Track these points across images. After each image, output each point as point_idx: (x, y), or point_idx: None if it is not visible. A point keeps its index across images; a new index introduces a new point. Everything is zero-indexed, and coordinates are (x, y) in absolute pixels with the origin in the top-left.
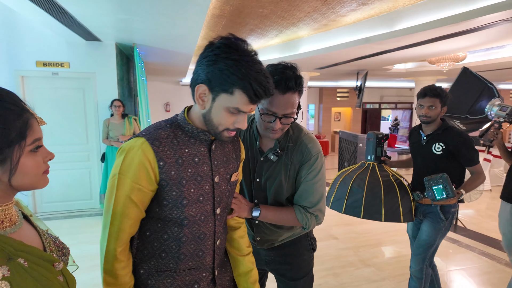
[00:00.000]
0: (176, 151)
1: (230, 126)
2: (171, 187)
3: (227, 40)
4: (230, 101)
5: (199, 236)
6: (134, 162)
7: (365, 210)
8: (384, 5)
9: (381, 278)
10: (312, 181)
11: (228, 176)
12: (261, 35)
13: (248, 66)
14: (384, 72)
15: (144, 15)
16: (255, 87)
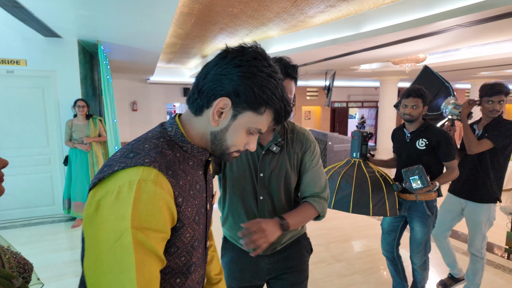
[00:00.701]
0: (185, 180)
1: (242, 148)
2: (186, 228)
3: (260, 50)
4: (255, 121)
5: (199, 281)
6: (156, 205)
7: (354, 205)
8: (350, 7)
9: (352, 272)
10: (316, 167)
11: (211, 198)
12: (231, 34)
13: (282, 86)
14: (351, 72)
15: (108, 11)
16: (287, 108)
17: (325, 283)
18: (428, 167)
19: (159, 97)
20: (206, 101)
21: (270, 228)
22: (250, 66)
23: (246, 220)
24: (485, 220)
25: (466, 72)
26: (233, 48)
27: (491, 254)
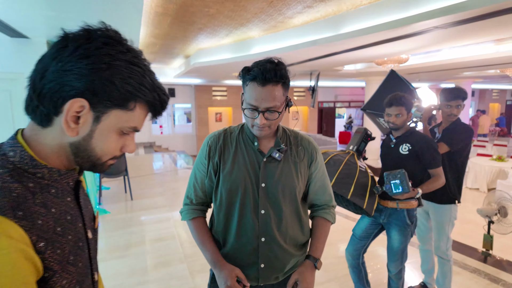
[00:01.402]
0: (47, 216)
1: (117, 153)
2: (61, 274)
3: (113, 33)
4: (126, 120)
5: None
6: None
7: (336, 181)
8: (328, 8)
9: (327, 279)
10: (324, 175)
11: (92, 223)
12: (211, 34)
13: (150, 72)
14: (335, 73)
15: (74, 12)
16: (162, 97)
17: None
18: (411, 173)
19: None
20: (53, 107)
21: (310, 280)
22: (102, 55)
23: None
24: (447, 221)
25: (450, 72)
26: (75, 33)
27: (467, 257)
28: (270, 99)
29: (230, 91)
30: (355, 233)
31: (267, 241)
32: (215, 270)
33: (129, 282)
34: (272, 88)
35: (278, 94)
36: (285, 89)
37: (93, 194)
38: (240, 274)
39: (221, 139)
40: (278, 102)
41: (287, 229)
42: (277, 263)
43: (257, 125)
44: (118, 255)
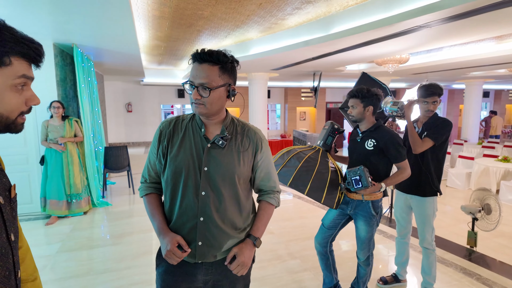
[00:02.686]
0: None
1: (24, 108)
2: None
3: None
4: (11, 74)
5: (5, 275)
6: None
7: (294, 179)
8: (318, 9)
9: (303, 269)
10: (269, 163)
11: (7, 193)
12: (211, 36)
13: (9, 29)
14: (339, 73)
15: (78, 17)
16: (32, 45)
17: (273, 279)
18: (375, 168)
19: (153, 98)
20: None
21: (249, 257)
22: None
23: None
24: (431, 213)
25: (457, 72)
26: None
27: (454, 255)
28: (203, 76)
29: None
30: (323, 222)
31: (205, 221)
32: (160, 237)
33: (117, 266)
34: (207, 67)
35: (212, 74)
36: (224, 73)
37: (95, 188)
38: (181, 241)
39: (172, 124)
40: (211, 80)
41: (226, 211)
42: (214, 242)
43: (192, 100)
44: (111, 243)
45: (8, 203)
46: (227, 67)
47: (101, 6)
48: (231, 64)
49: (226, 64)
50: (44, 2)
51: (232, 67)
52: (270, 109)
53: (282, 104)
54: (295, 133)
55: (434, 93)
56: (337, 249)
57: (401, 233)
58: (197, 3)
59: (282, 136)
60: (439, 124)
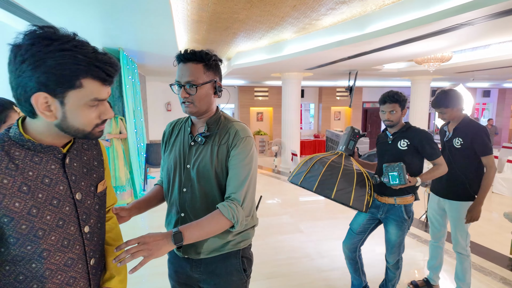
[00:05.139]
0: (16, 177)
1: (98, 121)
2: (18, 221)
3: (33, 31)
4: (84, 95)
5: (66, 263)
6: None
7: (319, 184)
8: (353, 9)
9: (331, 268)
10: (241, 165)
11: (92, 188)
12: (246, 38)
13: (80, 48)
14: (375, 72)
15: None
16: (103, 66)
17: (300, 276)
18: (408, 167)
19: None
20: (30, 105)
21: (156, 241)
22: (33, 54)
23: (172, 214)
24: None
25: (506, 70)
26: (11, 45)
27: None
28: (188, 74)
29: (271, 91)
30: (352, 227)
31: (185, 217)
32: None
33: None
34: (192, 66)
35: (197, 71)
36: (208, 70)
37: (138, 182)
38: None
39: (172, 125)
40: (197, 78)
41: (203, 209)
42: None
43: (182, 100)
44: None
45: (91, 198)
46: (211, 64)
47: (146, 14)
48: (215, 61)
49: (209, 61)
50: (96, 11)
51: (216, 64)
52: (303, 108)
53: (316, 103)
54: (328, 133)
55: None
56: (365, 251)
57: (435, 236)
58: (233, 7)
59: (315, 136)
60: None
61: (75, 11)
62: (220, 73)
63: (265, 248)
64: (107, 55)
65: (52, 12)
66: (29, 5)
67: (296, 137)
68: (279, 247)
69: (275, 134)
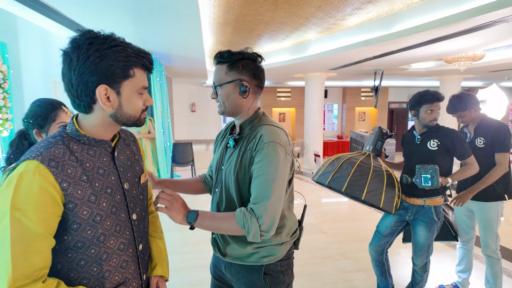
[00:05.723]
0: (77, 168)
1: (143, 107)
2: (80, 207)
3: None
4: (135, 84)
5: (119, 247)
6: (33, 190)
7: (349, 184)
8: (379, 8)
9: (355, 269)
10: (264, 172)
11: (136, 179)
12: (270, 39)
13: (127, 45)
14: (402, 72)
15: (154, 28)
16: (146, 56)
17: (324, 276)
18: (439, 167)
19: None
20: (90, 99)
21: (179, 208)
22: (94, 51)
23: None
24: (494, 218)
25: None
26: (68, 48)
27: None
28: (214, 76)
29: (294, 92)
30: (379, 230)
31: None
32: None
33: (180, 250)
34: (217, 67)
35: (220, 72)
36: (231, 70)
37: None
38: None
39: (227, 126)
40: (219, 79)
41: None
42: (218, 238)
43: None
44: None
45: (136, 188)
46: (235, 64)
47: (175, 18)
48: (241, 61)
49: (234, 61)
50: (127, 16)
51: (245, 64)
52: (326, 109)
53: (340, 104)
54: (352, 134)
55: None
56: (390, 253)
57: (463, 239)
58: (258, 9)
59: (339, 137)
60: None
61: (109, 17)
62: (252, 72)
63: None
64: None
65: (90, 19)
66: (70, 13)
67: (319, 138)
68: (302, 247)
69: (297, 135)
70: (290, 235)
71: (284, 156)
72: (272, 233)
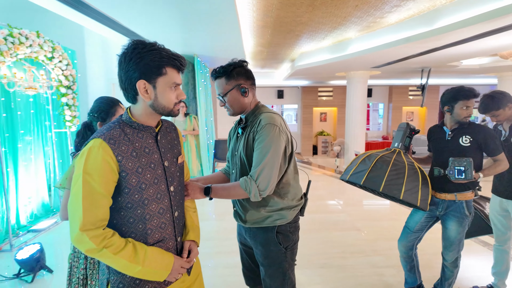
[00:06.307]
0: (129, 146)
1: (176, 101)
2: (130, 176)
3: (133, 42)
4: (168, 80)
5: (159, 211)
6: (98, 160)
7: (386, 184)
8: (420, 5)
9: (386, 265)
10: (257, 147)
11: (175, 159)
12: (309, 39)
13: (162, 50)
14: (452, 69)
15: (196, 34)
16: (177, 58)
17: (353, 269)
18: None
19: None
20: (134, 92)
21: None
22: (136, 54)
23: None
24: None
25: None
26: (120, 53)
27: None
28: (217, 88)
29: (336, 91)
30: (409, 225)
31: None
32: None
33: (218, 237)
34: (217, 81)
35: (221, 84)
36: (229, 79)
37: (207, 173)
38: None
39: (233, 126)
40: (222, 90)
41: None
42: (238, 208)
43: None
44: (215, 218)
45: (174, 166)
46: (231, 74)
47: (217, 24)
48: (234, 69)
49: (229, 72)
50: (176, 24)
51: (238, 71)
52: (371, 108)
53: (386, 103)
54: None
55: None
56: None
57: (499, 239)
58: (296, 11)
59: (384, 138)
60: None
61: (160, 25)
62: (245, 75)
63: (319, 241)
64: (175, 52)
65: (143, 27)
66: (127, 22)
67: (361, 138)
68: (333, 241)
69: (339, 135)
70: (295, 200)
71: (278, 133)
72: (269, 192)
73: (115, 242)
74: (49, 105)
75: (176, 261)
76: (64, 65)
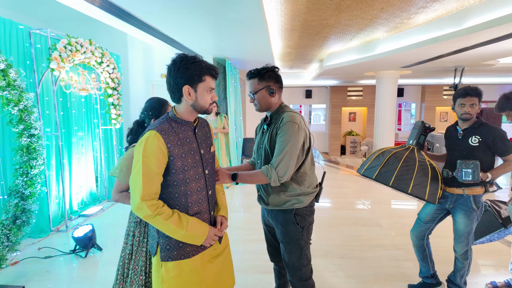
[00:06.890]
0: (175, 136)
1: (211, 101)
2: (176, 160)
3: (180, 55)
4: (205, 85)
5: (197, 189)
6: (153, 146)
7: (395, 179)
8: (448, 5)
9: (405, 259)
10: (278, 140)
11: (208, 148)
12: (337, 40)
13: (202, 61)
14: (488, 68)
15: (227, 39)
16: (214, 68)
17: (372, 261)
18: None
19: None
20: (179, 94)
21: (225, 175)
22: (182, 65)
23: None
24: None
25: None
26: (170, 64)
27: None
28: (250, 87)
29: (365, 90)
30: (420, 217)
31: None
32: None
33: (246, 227)
34: (251, 81)
35: (254, 83)
36: (261, 80)
37: None
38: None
39: (259, 123)
40: (254, 88)
41: None
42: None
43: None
44: (242, 211)
45: (208, 154)
46: (263, 76)
47: (246, 29)
48: (266, 73)
49: (262, 74)
50: (208, 31)
51: (269, 75)
52: (403, 108)
53: (418, 103)
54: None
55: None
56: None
57: None
58: (322, 15)
59: None
60: None
61: (194, 31)
62: (275, 79)
63: (340, 235)
64: (212, 64)
65: (181, 34)
66: (165, 29)
67: (390, 138)
68: (354, 235)
69: (368, 135)
70: (311, 187)
71: (297, 130)
72: (286, 179)
73: (165, 210)
74: (98, 105)
75: (211, 230)
76: (111, 69)
